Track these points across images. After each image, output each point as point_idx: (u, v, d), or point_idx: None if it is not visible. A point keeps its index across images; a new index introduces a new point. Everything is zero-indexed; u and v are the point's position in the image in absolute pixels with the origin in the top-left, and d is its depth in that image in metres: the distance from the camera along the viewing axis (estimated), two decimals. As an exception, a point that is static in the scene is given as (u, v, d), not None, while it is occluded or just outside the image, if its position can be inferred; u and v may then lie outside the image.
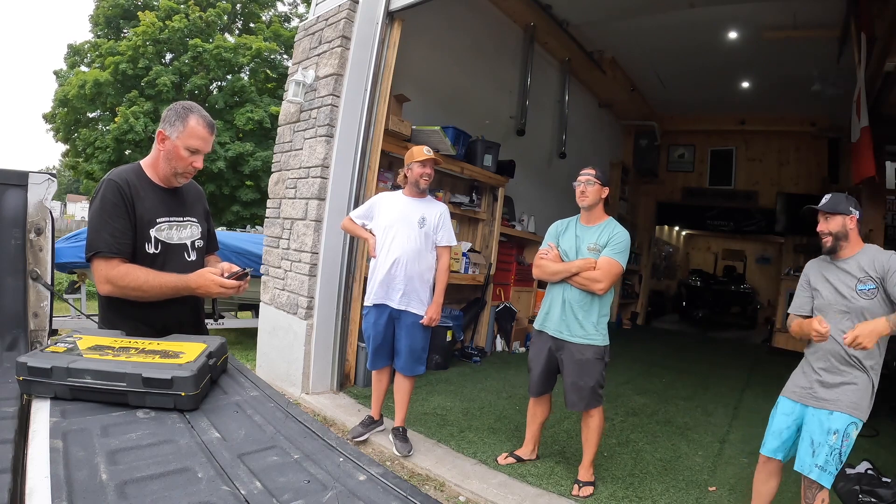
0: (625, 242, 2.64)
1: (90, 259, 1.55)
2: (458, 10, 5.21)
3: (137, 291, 1.55)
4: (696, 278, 11.73)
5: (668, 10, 5.63)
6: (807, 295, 2.24)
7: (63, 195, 38.78)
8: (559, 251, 2.78)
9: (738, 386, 5.33)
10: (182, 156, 1.62)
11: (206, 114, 1.67)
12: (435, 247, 3.03)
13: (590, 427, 2.73)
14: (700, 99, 8.56)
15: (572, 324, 2.67)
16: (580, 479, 2.72)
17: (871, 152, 4.14)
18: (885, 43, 4.18)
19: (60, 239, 4.64)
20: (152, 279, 1.55)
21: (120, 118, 13.55)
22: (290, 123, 4.38)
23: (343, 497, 0.85)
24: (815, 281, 2.20)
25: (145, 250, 1.61)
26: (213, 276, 1.58)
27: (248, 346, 5.35)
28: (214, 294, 1.60)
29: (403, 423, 3.08)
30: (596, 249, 2.66)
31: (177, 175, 1.67)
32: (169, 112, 1.64)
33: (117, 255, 1.54)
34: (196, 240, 1.78)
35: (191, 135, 1.61)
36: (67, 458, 0.88)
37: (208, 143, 1.66)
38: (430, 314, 2.96)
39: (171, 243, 1.68)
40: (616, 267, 2.61)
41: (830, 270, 2.14)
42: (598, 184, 2.69)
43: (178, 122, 1.61)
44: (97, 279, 1.56)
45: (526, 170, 6.41)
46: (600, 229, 2.71)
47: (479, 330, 5.65)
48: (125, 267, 1.54)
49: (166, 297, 1.59)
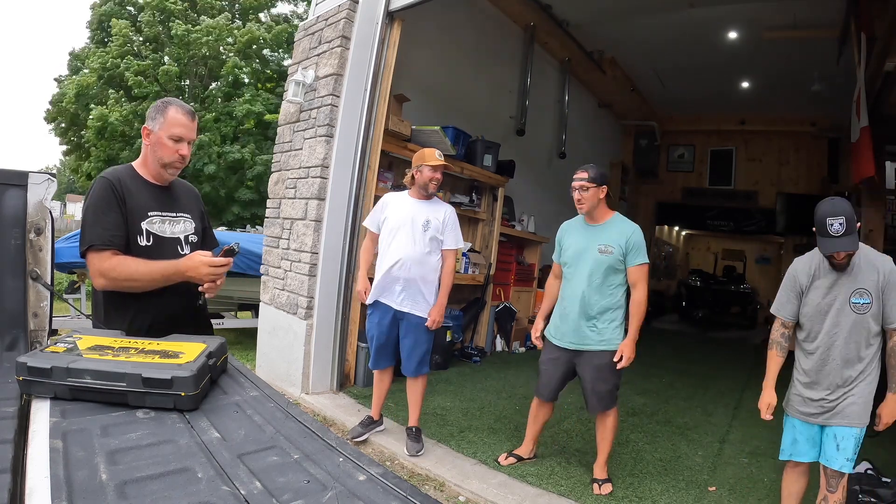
0: (642, 240, 2.64)
1: (84, 254, 1.58)
2: (458, 10, 5.21)
3: (129, 281, 1.56)
4: (695, 278, 11.72)
5: (668, 10, 5.64)
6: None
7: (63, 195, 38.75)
8: (568, 254, 2.73)
9: (738, 386, 5.33)
10: (166, 145, 1.66)
11: (184, 103, 1.72)
12: (441, 249, 3.02)
13: (606, 426, 2.73)
14: (700, 99, 8.57)
15: (590, 333, 2.63)
16: (598, 478, 2.73)
17: (870, 152, 4.14)
18: (885, 43, 4.18)
19: (60, 239, 4.64)
20: (143, 267, 1.56)
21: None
22: (289, 123, 4.38)
23: (343, 497, 0.85)
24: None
25: (138, 243, 1.63)
26: (201, 257, 1.59)
27: (248, 346, 5.35)
28: (205, 275, 1.59)
29: (417, 423, 3.08)
30: (607, 251, 2.61)
31: (165, 166, 1.70)
32: (150, 109, 1.71)
33: (109, 248, 1.56)
34: (190, 234, 1.79)
35: (172, 123, 1.66)
36: (67, 458, 0.88)
37: (191, 130, 1.71)
38: (434, 316, 2.95)
39: (163, 237, 1.70)
40: (646, 269, 2.65)
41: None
42: (593, 186, 2.63)
43: (159, 115, 1.67)
44: (91, 273, 1.59)
45: (526, 170, 6.41)
46: (608, 228, 2.67)
47: (478, 330, 5.65)
48: (117, 259, 1.56)
49: (158, 284, 1.59)
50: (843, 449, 2.02)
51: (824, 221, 1.94)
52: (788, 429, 2.24)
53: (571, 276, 2.72)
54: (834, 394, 2.05)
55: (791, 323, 2.22)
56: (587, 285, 2.64)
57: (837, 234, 1.93)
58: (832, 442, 2.05)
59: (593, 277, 2.63)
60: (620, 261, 2.62)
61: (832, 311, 2.05)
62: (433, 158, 2.95)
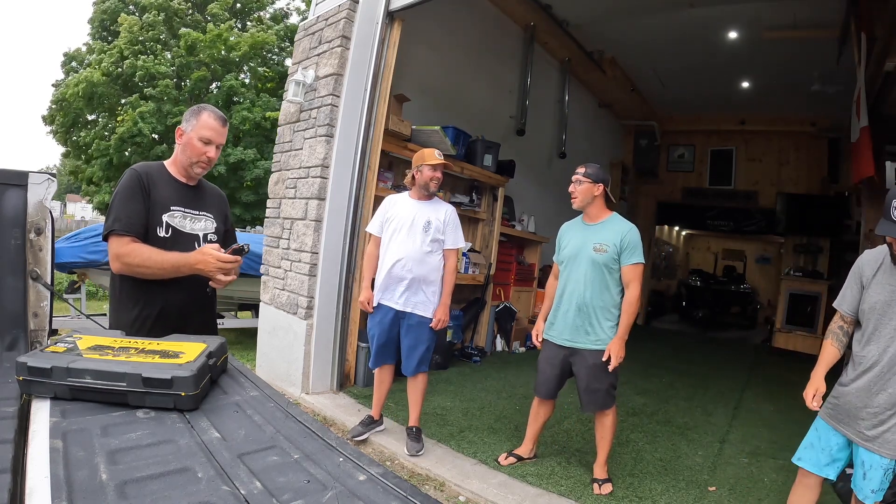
0: (637, 240, 2.63)
1: (105, 237, 1.67)
2: (459, 10, 5.21)
3: (141, 267, 1.64)
4: (696, 278, 11.72)
5: (668, 10, 5.63)
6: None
7: (63, 195, 38.77)
8: (565, 253, 2.74)
9: (738, 386, 5.32)
10: (196, 146, 1.77)
11: (216, 110, 1.84)
12: (442, 249, 3.02)
13: (605, 426, 2.73)
14: (700, 99, 8.56)
15: (585, 330, 2.64)
16: (598, 478, 2.73)
17: (870, 152, 4.14)
18: (885, 43, 4.18)
19: (60, 239, 4.64)
20: (155, 255, 1.64)
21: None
22: (289, 123, 4.38)
23: (343, 497, 0.85)
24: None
25: (157, 234, 1.70)
26: (211, 251, 1.65)
27: (248, 346, 5.35)
28: (213, 270, 1.65)
29: (418, 423, 3.08)
30: (602, 250, 2.62)
31: (192, 165, 1.79)
32: (186, 113, 1.82)
33: (128, 234, 1.64)
34: (209, 233, 1.85)
35: (203, 126, 1.77)
36: (67, 458, 0.88)
37: (220, 135, 1.81)
38: (439, 316, 2.95)
39: (182, 231, 1.77)
40: (640, 269, 2.62)
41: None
42: (587, 182, 2.64)
43: (193, 117, 1.79)
44: (110, 256, 1.67)
45: (526, 170, 6.41)
46: (604, 227, 2.68)
47: (478, 330, 5.65)
48: (133, 245, 1.64)
49: (169, 274, 1.66)
50: (870, 479, 1.77)
51: (890, 203, 1.67)
52: (811, 429, 2.00)
53: (568, 275, 2.73)
54: (880, 413, 1.75)
55: (850, 318, 1.93)
56: (583, 284, 2.65)
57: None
58: (860, 468, 1.80)
59: (588, 276, 2.64)
60: (615, 260, 2.62)
61: (893, 314, 1.74)
62: (433, 158, 2.95)
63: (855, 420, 1.83)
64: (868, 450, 1.79)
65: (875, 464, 1.77)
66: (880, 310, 1.78)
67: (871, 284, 1.83)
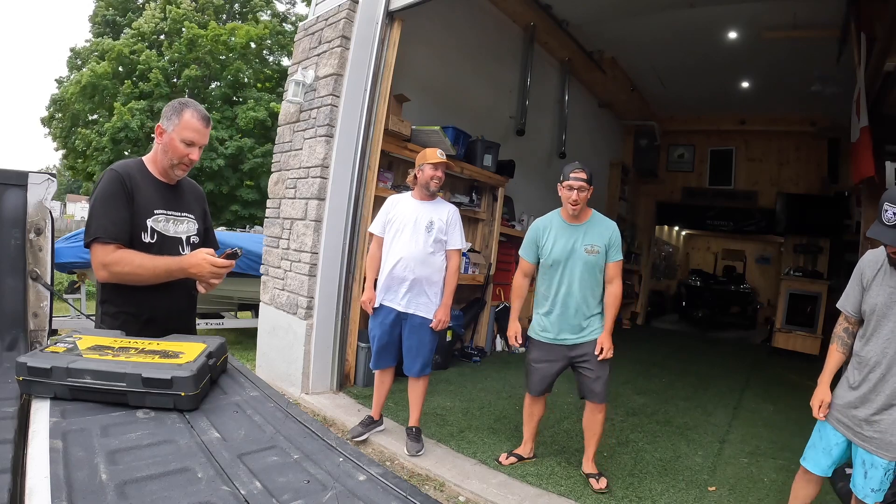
0: (620, 238, 2.76)
1: (89, 245, 1.59)
2: (459, 10, 5.21)
3: (132, 275, 1.58)
4: (695, 278, 11.73)
5: (668, 10, 5.63)
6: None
7: (63, 195, 38.76)
8: (554, 254, 2.75)
9: (738, 386, 5.32)
10: (178, 147, 1.67)
11: (201, 107, 1.73)
12: (445, 249, 3.01)
13: (598, 421, 2.77)
14: (700, 99, 8.56)
15: (583, 326, 2.70)
16: (592, 472, 2.76)
17: (870, 152, 4.13)
18: (885, 43, 4.18)
19: (60, 239, 4.64)
20: (147, 262, 1.58)
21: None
22: (289, 123, 4.38)
23: (343, 497, 0.85)
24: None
25: (142, 240, 1.65)
26: (205, 255, 1.60)
27: (248, 346, 5.35)
28: (206, 274, 1.61)
29: (418, 423, 3.08)
30: (594, 251, 2.67)
31: (173, 167, 1.71)
32: (166, 108, 1.70)
33: (114, 241, 1.57)
34: (192, 236, 1.81)
35: (186, 127, 1.66)
36: (67, 458, 0.88)
37: (203, 136, 1.71)
38: (439, 316, 2.95)
39: (167, 235, 1.72)
40: (621, 265, 2.75)
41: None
42: (590, 188, 2.68)
43: (174, 115, 1.67)
44: (94, 265, 1.60)
45: (526, 170, 6.40)
46: (590, 227, 2.73)
47: (478, 330, 5.65)
48: (121, 252, 1.58)
49: (161, 279, 1.61)
50: (870, 478, 1.78)
51: (882, 205, 1.64)
52: (815, 429, 2.04)
53: (560, 277, 2.73)
54: (879, 413, 1.77)
55: (854, 319, 1.94)
56: (580, 285, 2.69)
57: (889, 222, 1.62)
58: (861, 468, 1.82)
59: (585, 277, 2.69)
60: (604, 258, 2.72)
61: (892, 315, 1.74)
62: (434, 157, 2.95)
63: (855, 420, 1.85)
64: (868, 451, 1.80)
65: (875, 463, 1.79)
66: (880, 311, 1.79)
67: (872, 286, 1.84)
